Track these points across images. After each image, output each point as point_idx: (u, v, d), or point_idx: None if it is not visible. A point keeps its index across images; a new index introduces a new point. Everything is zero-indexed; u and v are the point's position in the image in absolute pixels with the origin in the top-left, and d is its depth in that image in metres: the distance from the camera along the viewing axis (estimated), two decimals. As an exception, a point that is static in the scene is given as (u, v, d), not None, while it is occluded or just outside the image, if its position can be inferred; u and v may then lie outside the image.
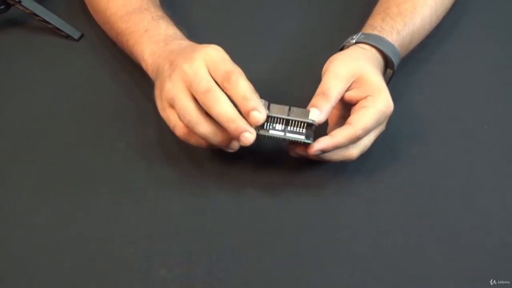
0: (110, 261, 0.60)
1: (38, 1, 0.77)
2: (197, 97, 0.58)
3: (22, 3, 0.76)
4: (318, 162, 0.65)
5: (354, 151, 0.62)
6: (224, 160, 0.66)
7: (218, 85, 0.58)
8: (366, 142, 0.62)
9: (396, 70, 0.69)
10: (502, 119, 0.70)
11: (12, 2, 0.76)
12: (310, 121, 0.59)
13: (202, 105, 0.58)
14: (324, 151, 0.60)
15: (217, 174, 0.65)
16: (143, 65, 0.67)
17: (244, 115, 0.57)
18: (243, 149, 0.60)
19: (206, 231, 0.62)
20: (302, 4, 0.82)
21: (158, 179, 0.66)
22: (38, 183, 0.66)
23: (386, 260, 0.60)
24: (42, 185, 0.66)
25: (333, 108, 0.61)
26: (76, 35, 0.78)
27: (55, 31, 0.78)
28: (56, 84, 0.74)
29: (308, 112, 0.59)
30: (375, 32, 0.68)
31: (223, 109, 0.57)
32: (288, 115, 0.59)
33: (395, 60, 0.67)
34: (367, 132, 0.60)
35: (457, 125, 0.70)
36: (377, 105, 0.60)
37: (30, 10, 0.76)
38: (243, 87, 0.57)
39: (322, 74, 0.63)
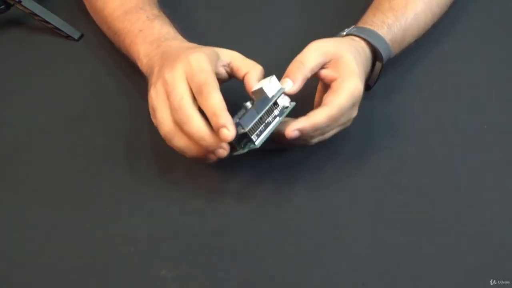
0: (110, 261, 0.60)
1: (38, 1, 0.77)
2: (172, 112, 0.58)
3: (22, 3, 0.76)
4: (318, 162, 0.65)
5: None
6: (224, 160, 0.66)
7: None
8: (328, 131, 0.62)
9: (395, 70, 0.69)
10: (502, 119, 0.70)
11: (12, 2, 0.76)
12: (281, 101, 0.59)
13: (176, 121, 0.58)
14: (302, 132, 0.59)
15: (217, 174, 0.65)
16: (139, 65, 0.67)
17: (215, 131, 0.57)
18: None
19: (206, 231, 0.62)
20: (301, 4, 0.82)
21: (158, 179, 0.66)
22: (38, 183, 0.66)
23: (386, 260, 0.60)
24: (42, 185, 0.66)
25: (307, 79, 0.61)
26: (76, 35, 0.78)
27: (55, 31, 0.78)
28: (56, 84, 0.74)
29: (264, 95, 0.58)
30: (366, 26, 0.68)
31: (194, 127, 0.57)
32: (258, 113, 0.58)
33: (385, 54, 0.67)
34: (342, 112, 0.60)
35: (456, 125, 0.70)
36: (347, 85, 0.61)
37: (30, 10, 0.76)
38: (214, 101, 0.56)
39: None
